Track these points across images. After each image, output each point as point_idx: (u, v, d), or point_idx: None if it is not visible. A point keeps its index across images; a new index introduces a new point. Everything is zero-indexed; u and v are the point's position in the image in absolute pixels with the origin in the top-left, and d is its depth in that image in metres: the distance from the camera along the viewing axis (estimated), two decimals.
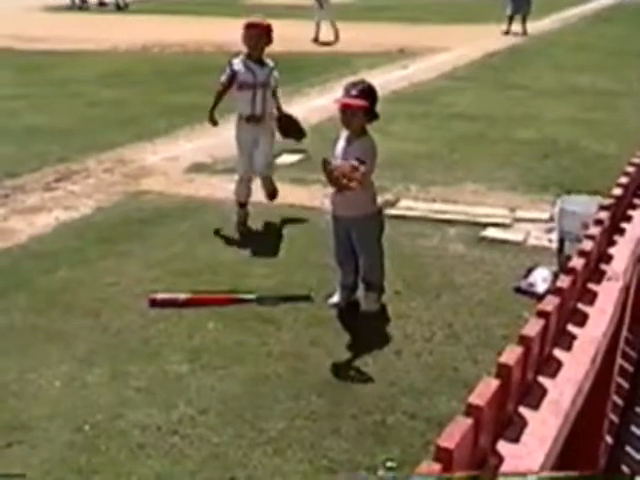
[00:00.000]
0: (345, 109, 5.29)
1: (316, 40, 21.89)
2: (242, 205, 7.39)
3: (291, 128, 7.40)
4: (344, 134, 5.44)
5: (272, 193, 7.41)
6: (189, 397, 4.54)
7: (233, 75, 7.12)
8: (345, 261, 5.68)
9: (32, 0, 36.29)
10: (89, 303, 5.76)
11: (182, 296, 5.72)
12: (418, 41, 21.56)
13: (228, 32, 23.13)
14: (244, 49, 7.20)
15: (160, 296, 5.73)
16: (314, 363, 4.91)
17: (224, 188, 8.53)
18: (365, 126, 5.36)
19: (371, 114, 5.33)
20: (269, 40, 7.18)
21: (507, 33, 24.02)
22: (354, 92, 5.26)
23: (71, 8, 33.81)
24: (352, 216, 5.45)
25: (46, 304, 5.75)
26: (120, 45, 21.28)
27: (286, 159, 9.34)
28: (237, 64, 7.14)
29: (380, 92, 5.47)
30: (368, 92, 5.32)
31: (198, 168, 9.40)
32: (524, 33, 24.24)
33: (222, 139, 10.80)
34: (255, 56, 7.14)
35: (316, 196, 7.81)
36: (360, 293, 5.75)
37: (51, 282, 6.13)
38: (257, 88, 7.08)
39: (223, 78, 7.22)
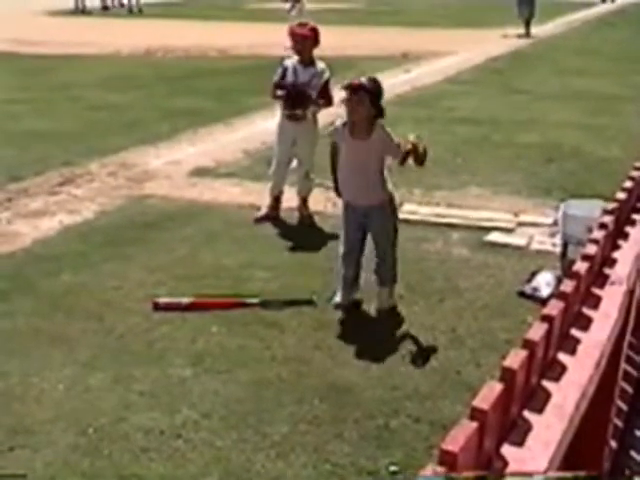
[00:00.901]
0: (352, 90, 5.28)
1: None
2: (274, 198, 7.61)
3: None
4: (347, 125, 5.46)
5: (302, 219, 7.61)
6: (192, 401, 4.54)
7: (283, 74, 7.35)
8: (351, 252, 5.67)
9: (36, 4, 36.43)
10: (92, 307, 5.76)
11: (185, 300, 5.72)
12: (422, 45, 21.59)
13: (232, 36, 23.24)
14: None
15: (163, 300, 5.73)
16: (317, 367, 4.91)
17: (227, 192, 8.55)
18: (373, 120, 5.37)
19: (377, 107, 5.35)
20: (315, 42, 7.41)
21: (519, 36, 24.51)
22: (362, 79, 5.31)
23: (75, 12, 33.89)
24: (369, 204, 5.51)
25: (50, 307, 5.76)
26: (123, 49, 21.33)
27: None
28: (287, 64, 7.40)
29: (384, 96, 5.47)
30: (374, 82, 5.36)
31: (201, 172, 9.41)
32: (527, 35, 24.40)
33: (225, 143, 10.84)
34: (303, 59, 7.36)
35: (318, 200, 7.81)
36: (372, 289, 5.75)
37: (54, 286, 6.13)
38: (297, 88, 7.26)
39: (275, 77, 7.40)
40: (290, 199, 7.67)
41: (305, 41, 7.34)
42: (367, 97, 5.29)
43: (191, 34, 24.98)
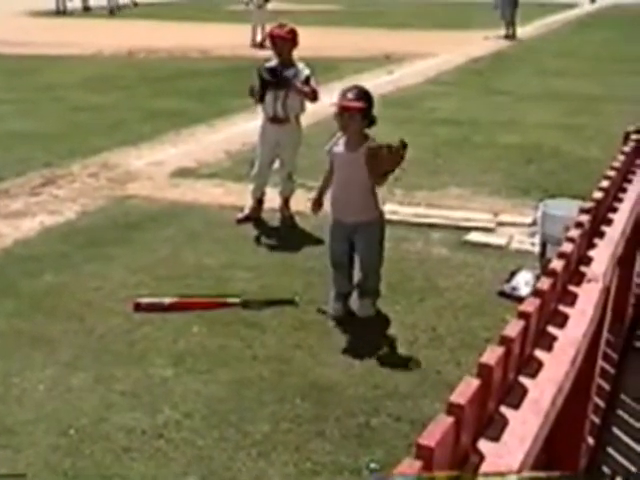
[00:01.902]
0: (343, 112, 5.30)
1: (254, 45, 21.46)
2: (257, 200, 7.63)
3: None
4: (342, 140, 5.45)
5: (284, 220, 7.61)
6: (174, 401, 4.55)
7: (262, 77, 7.35)
8: (339, 267, 5.63)
9: (18, 5, 36.23)
10: (74, 307, 5.76)
11: (167, 300, 5.72)
12: (404, 46, 21.64)
13: (213, 37, 23.21)
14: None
15: (145, 300, 5.73)
16: (299, 366, 4.93)
17: (209, 193, 8.56)
18: (364, 131, 5.38)
19: (369, 118, 5.36)
20: (294, 44, 7.42)
21: (506, 37, 24.68)
22: (351, 95, 5.29)
23: (58, 13, 33.75)
24: (356, 221, 5.43)
25: (31, 308, 5.74)
26: (106, 50, 21.27)
27: None
28: (266, 67, 7.41)
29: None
30: (365, 95, 5.35)
31: (183, 173, 9.41)
32: (513, 36, 24.54)
33: (207, 144, 10.85)
34: (283, 60, 7.38)
35: (300, 201, 7.83)
36: (354, 299, 5.71)
37: (36, 286, 6.12)
38: (279, 90, 7.25)
39: (255, 82, 7.41)
40: (272, 200, 7.68)
41: (284, 43, 7.35)
42: (358, 114, 5.29)
43: (173, 35, 24.93)
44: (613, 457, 3.81)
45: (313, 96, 7.30)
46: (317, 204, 5.78)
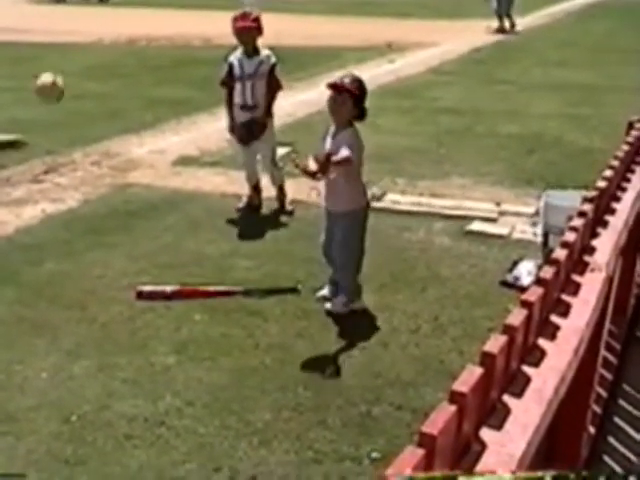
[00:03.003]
0: (336, 91, 5.22)
1: None
2: (253, 188, 7.62)
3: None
4: (331, 130, 5.41)
5: (283, 208, 7.61)
6: (176, 388, 4.56)
7: (230, 70, 7.35)
8: (324, 255, 5.60)
9: None
10: (76, 295, 5.76)
11: (169, 288, 5.72)
12: (406, 36, 21.58)
13: (215, 25, 23.14)
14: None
15: (147, 288, 5.73)
16: (300, 355, 4.93)
17: (211, 181, 8.55)
18: (351, 120, 5.34)
19: (359, 108, 5.30)
20: (259, 32, 7.31)
21: (498, 31, 23.62)
22: (347, 80, 5.26)
23: (58, 1, 33.64)
24: (335, 210, 5.39)
25: (33, 296, 5.75)
26: (106, 38, 21.21)
27: None
28: (231, 60, 7.38)
29: (368, 86, 5.46)
30: (358, 84, 5.32)
31: (185, 161, 9.40)
32: (512, 28, 23.93)
33: (209, 132, 10.83)
34: (247, 50, 7.31)
35: (302, 189, 7.82)
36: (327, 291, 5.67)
37: (38, 274, 6.13)
38: (245, 80, 7.23)
39: (222, 74, 7.44)
40: (270, 188, 7.67)
41: (249, 33, 7.27)
42: (350, 100, 5.21)
43: (174, 23, 24.88)
44: (614, 447, 3.82)
45: (277, 89, 7.41)
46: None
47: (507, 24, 23.93)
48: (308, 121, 10.47)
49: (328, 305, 5.55)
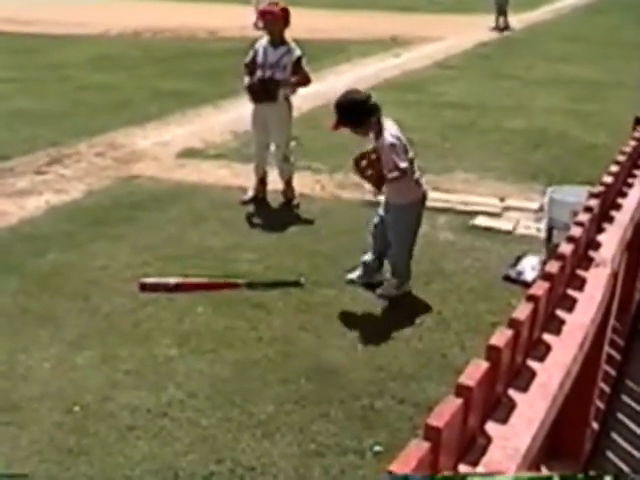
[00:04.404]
0: (336, 129, 5.41)
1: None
2: (259, 180, 7.61)
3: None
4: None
5: (288, 202, 7.59)
6: (178, 380, 4.56)
7: (254, 56, 7.34)
8: (375, 238, 5.79)
9: None
10: (79, 286, 5.76)
11: (172, 280, 5.72)
12: (411, 30, 21.57)
13: (222, 18, 23.15)
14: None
15: (150, 280, 5.74)
16: (303, 348, 4.93)
17: (215, 173, 8.56)
18: (378, 127, 5.36)
19: (355, 121, 5.37)
20: (285, 23, 7.31)
21: (495, 29, 23.26)
22: (336, 116, 5.38)
23: None
24: (391, 202, 5.57)
25: (36, 287, 5.75)
26: (112, 30, 21.21)
27: None
28: (257, 46, 7.38)
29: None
30: (347, 114, 5.35)
31: (189, 153, 9.40)
32: (505, 28, 23.28)
33: (213, 124, 10.83)
34: (274, 39, 7.31)
35: (306, 183, 7.82)
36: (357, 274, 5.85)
37: (41, 265, 6.13)
38: (266, 68, 7.22)
39: (247, 59, 7.42)
40: (277, 181, 7.66)
41: (275, 20, 7.27)
42: (348, 125, 5.38)
43: (180, 15, 24.86)
44: (617, 443, 3.81)
45: (305, 81, 7.32)
46: None
47: (501, 22, 23.50)
48: (313, 115, 10.46)
49: (379, 290, 5.72)
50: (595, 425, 3.62)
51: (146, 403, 4.34)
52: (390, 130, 5.39)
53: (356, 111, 5.33)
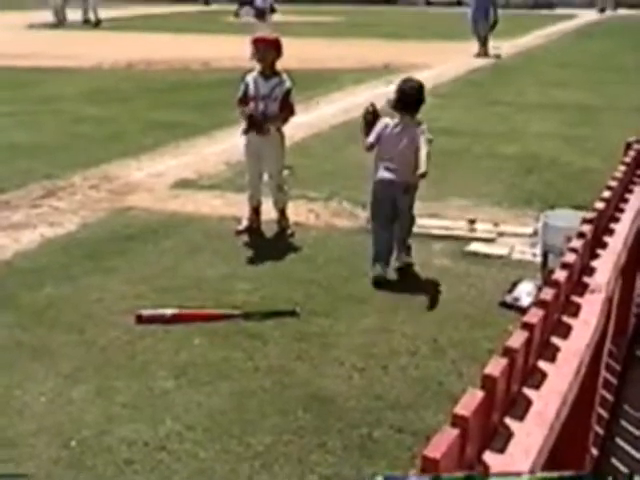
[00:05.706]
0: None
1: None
2: (253, 210, 7.62)
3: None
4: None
5: (282, 231, 7.60)
6: (176, 413, 4.54)
7: (246, 89, 7.35)
8: (385, 227, 6.37)
9: (16, 18, 36.29)
10: (74, 319, 5.75)
11: (168, 312, 5.71)
12: (402, 57, 21.65)
13: (214, 49, 23.26)
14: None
15: (146, 312, 5.72)
16: (300, 378, 4.92)
17: (209, 204, 8.56)
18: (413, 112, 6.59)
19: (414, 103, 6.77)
20: (277, 53, 7.32)
21: (479, 55, 22.37)
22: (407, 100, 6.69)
23: (57, 26, 33.75)
24: (406, 181, 6.26)
25: (31, 320, 5.74)
26: (105, 62, 21.29)
27: None
28: (248, 79, 7.39)
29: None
30: (421, 94, 6.79)
31: (184, 184, 9.41)
32: (485, 54, 22.40)
33: (207, 155, 10.85)
34: (265, 70, 7.32)
35: (301, 212, 7.84)
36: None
37: (36, 298, 6.11)
38: (259, 100, 7.23)
39: (239, 94, 7.41)
40: (270, 211, 7.67)
41: (267, 49, 7.27)
42: (416, 108, 6.68)
43: (173, 47, 24.96)
44: (617, 468, 3.80)
45: (290, 114, 7.39)
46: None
47: (480, 48, 22.64)
48: (306, 144, 10.50)
49: (397, 264, 6.48)
50: (594, 451, 3.61)
51: (143, 436, 4.32)
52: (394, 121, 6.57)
53: (423, 94, 6.62)
